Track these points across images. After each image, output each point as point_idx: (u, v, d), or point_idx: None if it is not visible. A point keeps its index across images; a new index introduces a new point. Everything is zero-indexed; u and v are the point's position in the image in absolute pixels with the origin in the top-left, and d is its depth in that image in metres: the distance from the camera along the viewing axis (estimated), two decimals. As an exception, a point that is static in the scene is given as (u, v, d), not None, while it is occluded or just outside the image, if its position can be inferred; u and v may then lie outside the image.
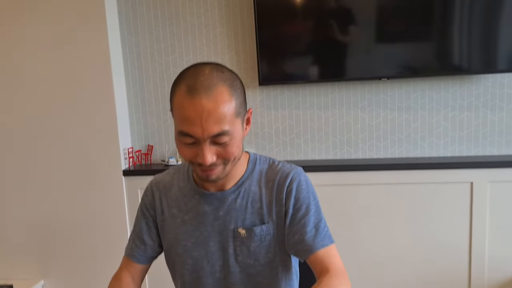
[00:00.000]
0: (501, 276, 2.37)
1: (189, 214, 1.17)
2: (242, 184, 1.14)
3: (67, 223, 2.56)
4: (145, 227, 1.22)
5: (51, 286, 2.62)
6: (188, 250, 1.17)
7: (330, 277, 1.00)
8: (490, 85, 2.41)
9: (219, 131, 0.96)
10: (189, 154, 1.01)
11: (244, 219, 1.13)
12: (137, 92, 2.62)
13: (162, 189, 1.22)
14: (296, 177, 1.13)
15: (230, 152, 1.01)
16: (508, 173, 2.28)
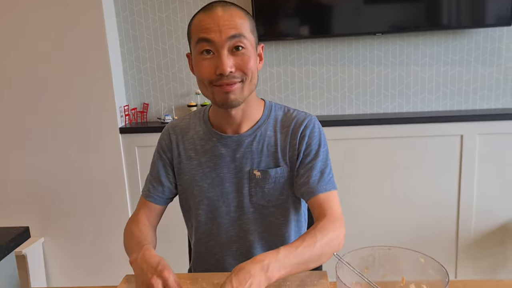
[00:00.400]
0: (487, 225, 2.49)
1: (206, 156, 1.21)
2: (258, 128, 1.19)
3: (66, 181, 2.57)
4: (162, 169, 1.26)
5: (51, 243, 2.66)
6: (204, 191, 1.21)
7: (326, 221, 1.06)
8: (482, 40, 2.45)
9: (235, 33, 1.04)
10: (208, 70, 1.06)
11: (259, 161, 1.18)
12: (131, 49, 2.60)
13: (179, 133, 1.25)
14: (310, 124, 1.18)
15: (247, 64, 1.06)
16: (497, 125, 2.36)
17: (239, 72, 1.06)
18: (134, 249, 1.08)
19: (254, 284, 0.87)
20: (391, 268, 0.99)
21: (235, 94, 1.08)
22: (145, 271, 0.95)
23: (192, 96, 2.62)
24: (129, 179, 2.55)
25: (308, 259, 0.98)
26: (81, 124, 2.50)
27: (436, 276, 0.89)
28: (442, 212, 2.47)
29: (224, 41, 1.03)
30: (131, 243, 1.14)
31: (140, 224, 1.19)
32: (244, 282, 0.86)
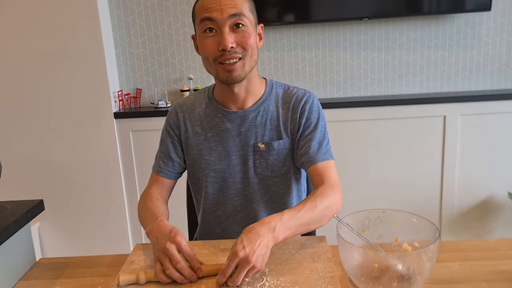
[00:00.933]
0: (469, 202, 2.62)
1: (212, 131, 1.28)
2: (262, 104, 1.27)
3: (62, 166, 2.60)
4: (171, 146, 1.34)
5: (47, 228, 2.70)
6: (211, 164, 1.29)
7: (324, 187, 1.15)
8: (463, 25, 2.56)
9: (236, 12, 1.12)
10: (211, 47, 1.14)
11: (263, 135, 1.26)
12: (123, 35, 2.63)
13: (186, 110, 1.33)
14: (309, 100, 1.27)
15: (247, 41, 1.14)
16: (477, 106, 2.49)
17: (240, 48, 1.14)
18: (149, 221, 1.15)
19: (263, 243, 0.95)
20: (386, 229, 1.08)
21: (237, 71, 1.16)
22: (160, 239, 1.02)
23: (184, 81, 2.68)
24: (124, 162, 2.60)
25: (309, 221, 1.07)
26: (76, 109, 2.53)
27: (427, 234, 0.98)
28: (427, 189, 2.59)
29: (225, 19, 1.11)
30: (146, 216, 1.21)
31: (153, 199, 1.26)
32: (254, 241, 0.94)
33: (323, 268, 1.02)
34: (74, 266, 1.15)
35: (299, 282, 0.96)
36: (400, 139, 2.54)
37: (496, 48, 2.60)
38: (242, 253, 0.91)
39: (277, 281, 0.97)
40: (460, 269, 1.01)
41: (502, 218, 2.63)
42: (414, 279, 0.91)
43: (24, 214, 1.11)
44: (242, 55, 1.15)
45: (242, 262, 0.91)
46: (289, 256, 1.08)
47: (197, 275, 0.98)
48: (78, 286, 1.04)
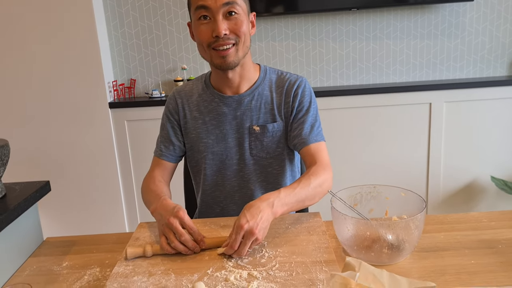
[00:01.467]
0: (454, 185, 2.72)
1: (209, 115, 1.34)
2: (256, 88, 1.33)
3: (58, 156, 2.64)
4: (171, 130, 1.39)
5: (45, 217, 2.73)
6: (209, 146, 1.35)
7: (317, 167, 1.22)
8: (447, 14, 2.65)
9: (229, 0, 1.16)
10: (206, 33, 1.20)
11: (258, 118, 1.32)
12: (117, 26, 2.67)
13: (184, 96, 1.39)
14: (302, 84, 1.34)
15: (240, 27, 1.20)
16: (462, 93, 2.58)
17: (233, 34, 1.20)
18: (152, 201, 1.21)
19: (263, 217, 1.02)
20: (377, 204, 1.16)
21: (231, 56, 1.22)
22: (164, 215, 1.08)
23: (178, 71, 2.72)
24: (119, 152, 2.64)
25: (304, 198, 1.14)
26: (71, 100, 2.56)
27: (415, 207, 1.05)
28: (413, 174, 2.69)
29: (219, 7, 1.17)
30: (150, 196, 1.27)
31: (156, 181, 1.32)
32: (256, 216, 1.01)
33: (318, 240, 1.09)
34: (81, 243, 1.20)
35: (296, 252, 1.03)
36: (388, 126, 2.62)
37: (479, 37, 2.69)
38: (247, 226, 0.98)
39: (276, 251, 1.04)
40: (445, 239, 1.09)
41: (485, 200, 2.74)
42: (403, 247, 0.99)
43: (33, 194, 1.16)
44: (235, 41, 1.21)
45: (247, 234, 0.98)
46: (286, 230, 1.15)
47: (200, 246, 1.05)
48: (86, 261, 1.10)
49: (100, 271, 1.03)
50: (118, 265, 1.01)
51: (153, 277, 0.95)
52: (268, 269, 0.96)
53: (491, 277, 0.90)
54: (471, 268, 0.94)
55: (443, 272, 0.93)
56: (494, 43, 2.70)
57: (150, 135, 2.54)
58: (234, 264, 0.98)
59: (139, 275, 0.96)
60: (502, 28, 2.68)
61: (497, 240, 1.06)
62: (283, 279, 0.91)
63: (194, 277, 0.94)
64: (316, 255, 1.01)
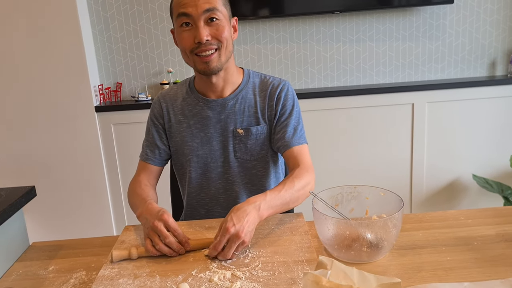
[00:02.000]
0: (437, 183, 2.77)
1: (194, 119, 1.37)
2: (240, 92, 1.36)
3: (44, 160, 2.63)
4: (156, 134, 1.41)
5: (31, 222, 2.72)
6: (193, 149, 1.37)
7: (300, 169, 1.25)
8: (428, 17, 2.70)
9: (209, 7, 1.19)
10: (188, 40, 1.22)
11: (242, 121, 1.35)
12: (102, 30, 2.67)
13: (169, 100, 1.40)
14: (285, 88, 1.37)
15: (221, 33, 1.22)
16: (443, 94, 2.63)
17: (215, 40, 1.22)
18: (138, 205, 1.23)
19: (250, 220, 1.04)
20: (357, 203, 1.19)
21: (214, 61, 1.24)
22: (149, 219, 1.10)
23: (164, 74, 2.74)
24: (106, 156, 2.65)
25: (289, 201, 1.17)
26: (58, 104, 2.56)
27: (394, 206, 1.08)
28: (397, 173, 2.73)
29: (200, 14, 1.19)
30: (136, 200, 1.29)
31: (142, 185, 1.34)
32: (242, 219, 1.03)
33: (301, 239, 1.11)
34: (67, 247, 1.21)
35: (279, 252, 1.05)
36: (371, 126, 2.67)
37: (459, 38, 2.75)
38: (233, 229, 1.00)
39: (259, 252, 1.06)
40: (423, 236, 1.12)
41: (467, 198, 2.80)
42: (382, 245, 1.02)
43: (19, 199, 1.17)
44: (217, 46, 1.23)
45: (233, 237, 1.00)
46: (269, 231, 1.17)
47: (185, 248, 1.07)
48: (72, 265, 1.11)
49: (86, 275, 1.05)
50: (103, 268, 1.02)
51: (138, 279, 0.97)
52: (251, 269, 0.98)
53: (465, 273, 0.93)
54: (447, 264, 0.97)
55: (420, 269, 0.96)
56: (474, 44, 2.77)
57: (136, 138, 2.55)
58: (218, 265, 1.00)
59: (124, 277, 0.98)
60: (482, 29, 2.74)
61: (473, 237, 1.09)
62: (266, 278, 0.94)
63: (178, 279, 0.96)
64: (298, 255, 1.03)
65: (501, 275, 0.91)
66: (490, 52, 2.79)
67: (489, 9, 2.71)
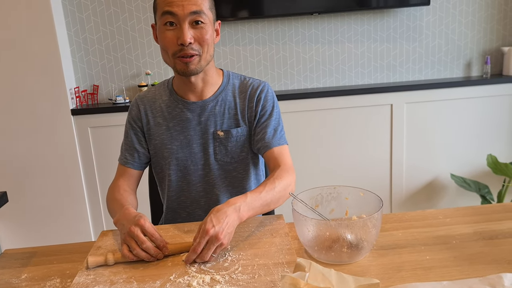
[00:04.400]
0: (416, 183, 2.80)
1: (173, 121, 1.34)
2: (220, 94, 1.34)
3: (19, 165, 2.56)
4: (135, 137, 1.38)
5: (4, 230, 2.65)
6: (173, 152, 1.35)
7: (280, 170, 1.24)
8: (405, 18, 2.74)
9: (196, 9, 1.17)
10: (171, 40, 1.20)
11: (222, 123, 1.34)
12: (78, 31, 2.62)
13: (147, 103, 1.38)
14: (264, 89, 1.36)
15: (204, 37, 1.20)
16: (421, 94, 2.66)
17: (197, 44, 1.21)
18: (116, 211, 1.21)
19: (230, 222, 1.02)
20: (337, 204, 1.19)
21: (194, 64, 1.23)
22: (125, 225, 1.07)
23: (142, 76, 2.70)
24: (83, 159, 2.60)
25: (269, 202, 1.16)
26: (32, 107, 2.50)
27: (373, 206, 1.09)
28: (377, 174, 2.75)
29: (186, 16, 1.17)
30: (114, 206, 1.26)
31: (121, 190, 1.31)
32: (222, 220, 1.01)
33: (281, 241, 1.10)
34: (41, 254, 1.17)
35: (259, 254, 1.04)
36: (351, 127, 2.68)
37: (435, 40, 2.79)
38: (212, 231, 0.99)
39: (239, 255, 1.04)
40: (403, 236, 1.12)
41: (446, 197, 2.84)
42: (362, 245, 1.02)
43: (-11, 206, 1.13)
44: (198, 52, 1.22)
45: (212, 239, 0.99)
46: (249, 234, 1.16)
47: (163, 252, 1.04)
48: (46, 273, 1.07)
49: (61, 282, 1.02)
50: (78, 275, 0.99)
51: (114, 285, 0.94)
52: (230, 272, 0.96)
53: (444, 271, 0.94)
54: (427, 263, 0.98)
55: (400, 269, 0.96)
56: (450, 45, 2.81)
57: (114, 141, 2.51)
58: (197, 269, 0.99)
59: (100, 284, 0.95)
60: (457, 31, 2.79)
61: (451, 236, 1.10)
62: (246, 282, 0.92)
63: (156, 284, 0.93)
64: (279, 257, 1.02)
65: (479, 273, 0.92)
66: (466, 53, 2.84)
67: (464, 10, 2.76)
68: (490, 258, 0.98)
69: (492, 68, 2.86)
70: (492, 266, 0.94)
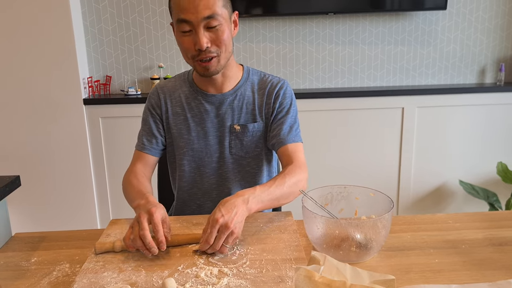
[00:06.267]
0: (424, 187, 2.79)
1: (192, 112, 1.36)
2: (239, 89, 1.35)
3: (31, 152, 2.58)
4: (154, 124, 1.39)
5: (16, 214, 2.67)
6: (189, 143, 1.36)
7: (293, 166, 1.24)
8: (421, 22, 2.72)
9: (210, 14, 1.16)
10: (188, 45, 1.20)
11: (239, 117, 1.35)
12: (94, 22, 2.64)
13: (167, 92, 1.39)
14: (283, 86, 1.36)
15: (221, 38, 1.20)
16: (433, 99, 2.65)
17: (214, 46, 1.21)
18: (135, 196, 1.21)
19: (238, 213, 1.03)
20: (347, 204, 1.18)
21: (213, 66, 1.23)
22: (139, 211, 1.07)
23: (155, 69, 2.71)
24: (93, 149, 2.61)
25: (279, 196, 1.16)
26: (46, 95, 2.52)
27: (383, 207, 1.08)
28: (385, 176, 2.74)
29: (199, 21, 1.17)
30: (132, 192, 1.26)
31: (138, 176, 1.32)
32: (231, 210, 1.02)
33: (289, 238, 1.10)
34: (50, 239, 1.18)
35: (267, 250, 1.04)
36: (361, 129, 2.67)
37: (450, 45, 2.77)
38: (222, 220, 0.99)
39: (247, 249, 1.05)
40: (412, 238, 1.12)
41: (453, 203, 2.82)
42: (371, 245, 1.02)
43: (2, 188, 1.14)
44: (217, 53, 1.22)
45: (222, 228, 0.99)
46: (258, 229, 1.16)
47: (159, 248, 1.00)
48: (55, 257, 1.08)
49: (70, 267, 1.02)
50: (88, 261, 1.00)
51: (123, 273, 0.95)
52: (238, 266, 0.97)
53: (453, 275, 0.93)
54: (435, 266, 0.97)
55: (408, 270, 0.96)
56: (464, 51, 2.79)
57: (125, 132, 2.52)
58: (205, 261, 0.99)
59: (109, 271, 0.96)
60: (473, 37, 2.77)
61: (461, 241, 1.09)
62: (253, 276, 0.93)
63: (164, 274, 0.94)
64: (286, 253, 1.02)
65: (488, 278, 0.91)
66: (480, 60, 2.81)
67: (480, 17, 2.74)
68: (499, 264, 0.97)
69: (506, 75, 2.83)
70: (502, 272, 0.94)
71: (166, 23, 2.66)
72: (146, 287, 0.89)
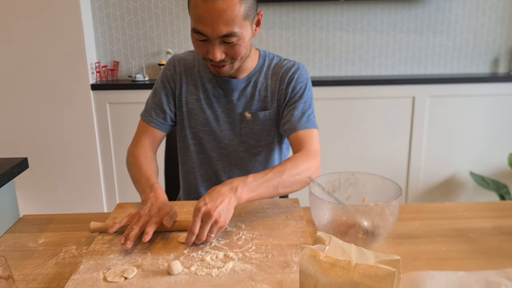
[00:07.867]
0: (434, 178, 2.77)
1: (204, 94, 1.32)
2: (253, 75, 1.31)
3: (38, 136, 2.60)
4: (165, 98, 1.34)
5: (24, 198, 2.70)
6: (198, 124, 1.33)
7: (300, 154, 1.20)
8: (434, 10, 2.67)
9: (227, 32, 1.08)
10: (201, 50, 1.15)
11: (251, 105, 1.31)
12: (102, 6, 2.62)
13: (183, 67, 1.33)
14: (298, 70, 1.31)
15: (237, 52, 1.14)
16: (445, 88, 2.61)
17: (229, 57, 1.15)
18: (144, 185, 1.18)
19: (224, 201, 0.99)
20: (355, 191, 1.17)
21: (226, 70, 1.19)
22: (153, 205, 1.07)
23: (163, 55, 2.70)
24: (100, 134, 2.62)
25: (277, 185, 1.11)
26: (53, 79, 2.52)
27: (391, 194, 1.07)
28: (395, 165, 2.72)
29: (216, 37, 1.10)
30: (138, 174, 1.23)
31: (147, 156, 1.28)
32: (215, 199, 0.99)
33: (295, 224, 1.10)
34: (57, 222, 1.19)
35: (273, 235, 1.04)
36: (371, 118, 2.65)
37: (464, 34, 2.72)
38: (204, 208, 0.96)
39: (253, 234, 1.04)
40: (420, 226, 1.11)
41: (463, 194, 2.80)
42: (378, 232, 1.01)
43: (10, 170, 1.15)
44: (231, 61, 1.17)
45: (204, 216, 0.95)
46: (264, 215, 1.15)
47: (125, 245, 0.96)
48: (62, 239, 1.09)
49: (76, 249, 1.03)
50: (94, 243, 1.00)
51: (129, 255, 0.95)
52: (244, 250, 0.96)
53: (460, 263, 0.93)
54: (443, 254, 0.96)
55: (415, 258, 0.95)
56: (478, 40, 2.74)
57: (132, 118, 2.52)
58: (211, 246, 0.99)
59: (115, 253, 0.96)
60: (487, 26, 2.72)
61: (469, 229, 1.08)
62: (259, 260, 0.92)
63: (170, 257, 0.94)
64: (292, 239, 1.02)
65: (496, 266, 0.90)
66: (494, 49, 2.76)
67: (495, 5, 2.68)
68: (508, 253, 0.96)
69: (520, 65, 2.78)
70: (510, 261, 0.93)
71: (174, 8, 2.64)
72: (152, 269, 0.89)
